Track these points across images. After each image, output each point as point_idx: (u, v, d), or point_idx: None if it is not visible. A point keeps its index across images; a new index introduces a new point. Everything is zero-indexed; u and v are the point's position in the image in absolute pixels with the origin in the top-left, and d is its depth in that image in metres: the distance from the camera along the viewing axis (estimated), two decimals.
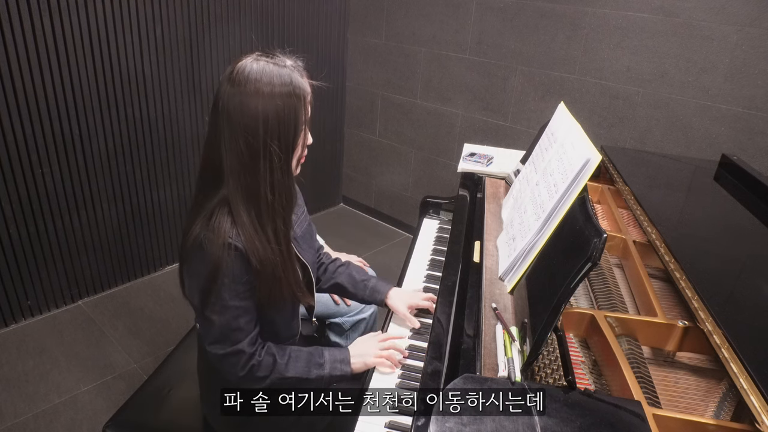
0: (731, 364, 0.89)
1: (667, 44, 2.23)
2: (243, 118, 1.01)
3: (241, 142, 1.02)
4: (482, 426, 0.83)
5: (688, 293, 1.07)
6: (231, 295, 1.08)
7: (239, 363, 1.12)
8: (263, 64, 1.03)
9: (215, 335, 1.11)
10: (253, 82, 1.01)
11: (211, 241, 1.04)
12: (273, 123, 1.02)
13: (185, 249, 1.10)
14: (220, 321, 1.09)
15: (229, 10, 2.71)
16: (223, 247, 1.04)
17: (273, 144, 1.03)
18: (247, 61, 1.04)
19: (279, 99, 1.02)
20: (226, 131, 1.03)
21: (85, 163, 2.42)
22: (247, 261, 1.06)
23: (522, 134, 2.77)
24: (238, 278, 1.07)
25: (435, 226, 1.86)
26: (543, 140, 1.50)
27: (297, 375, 1.17)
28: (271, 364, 1.15)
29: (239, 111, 1.01)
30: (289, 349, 1.20)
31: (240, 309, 1.10)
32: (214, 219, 1.05)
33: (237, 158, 1.03)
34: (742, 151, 2.12)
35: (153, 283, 2.81)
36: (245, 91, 1.01)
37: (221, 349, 1.11)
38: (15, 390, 2.10)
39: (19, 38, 2.08)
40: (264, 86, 1.01)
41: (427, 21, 2.98)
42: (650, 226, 1.33)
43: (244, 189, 1.05)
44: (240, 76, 1.01)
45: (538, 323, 0.96)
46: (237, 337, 1.11)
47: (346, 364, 1.22)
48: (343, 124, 3.63)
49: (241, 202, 1.05)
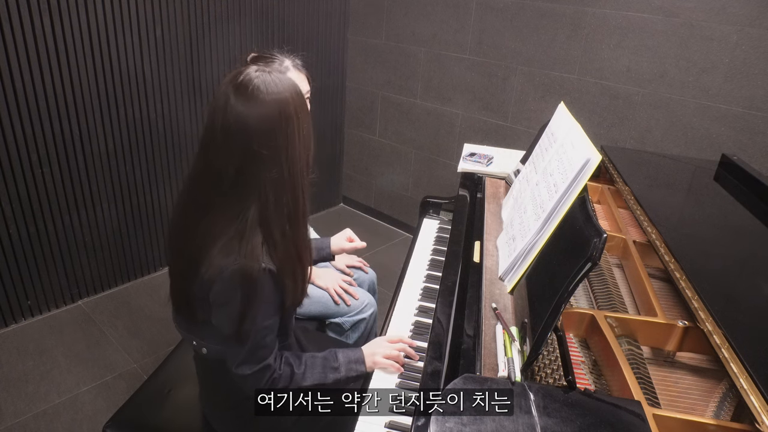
0: (731, 364, 0.89)
1: (667, 44, 2.23)
2: (262, 134, 0.98)
3: (270, 162, 0.99)
4: (482, 426, 0.83)
5: (688, 293, 1.07)
6: (264, 317, 1.06)
7: (264, 378, 1.11)
8: (276, 76, 1.01)
9: (243, 357, 1.08)
10: (274, 103, 0.98)
11: (246, 269, 0.99)
12: (300, 138, 1.01)
13: (202, 276, 1.03)
14: (251, 344, 1.07)
15: (229, 10, 2.71)
16: (259, 273, 1.00)
17: (300, 160, 1.02)
18: (255, 74, 1.00)
19: (294, 110, 1.00)
20: (240, 151, 0.98)
21: (85, 163, 2.42)
22: (281, 282, 1.05)
23: (522, 134, 2.77)
24: (272, 301, 1.06)
25: (435, 226, 1.86)
26: (543, 140, 1.50)
27: (314, 382, 1.17)
28: (289, 375, 1.15)
29: (258, 127, 0.97)
30: (304, 357, 1.19)
31: (268, 328, 1.09)
32: (244, 244, 1.00)
33: (272, 177, 0.99)
34: (742, 151, 2.12)
35: (153, 283, 2.81)
36: (261, 104, 0.97)
37: (249, 369, 1.09)
38: (15, 390, 2.10)
39: (19, 38, 2.07)
40: (285, 106, 0.99)
41: (427, 21, 2.98)
42: (650, 226, 1.33)
43: (280, 209, 1.02)
44: (254, 92, 0.97)
45: (538, 323, 0.96)
46: (264, 354, 1.10)
47: (361, 363, 1.22)
48: (343, 124, 3.63)
49: (276, 222, 1.02)
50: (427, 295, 1.48)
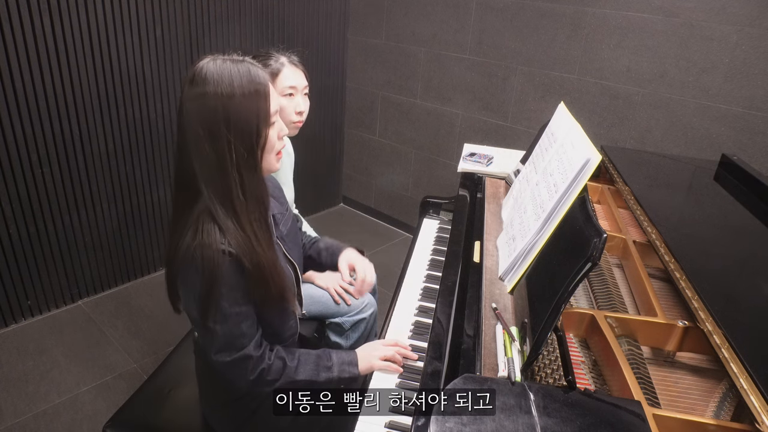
0: (731, 364, 0.89)
1: (667, 44, 2.23)
2: (205, 120, 1.00)
3: (207, 147, 1.00)
4: (482, 426, 0.83)
5: (688, 293, 1.07)
6: (230, 303, 1.06)
7: (248, 368, 1.12)
8: (220, 62, 1.02)
9: (219, 344, 1.09)
10: (212, 83, 0.99)
11: (204, 251, 1.02)
12: (234, 121, 1.00)
13: (174, 264, 1.08)
14: (223, 329, 1.08)
15: (229, 10, 2.71)
16: (217, 255, 1.02)
17: (237, 143, 1.01)
18: (204, 62, 1.03)
19: (239, 96, 1.00)
20: (191, 136, 1.01)
21: (85, 163, 2.42)
22: (241, 265, 1.05)
23: (522, 134, 2.77)
24: (234, 285, 1.06)
25: (435, 226, 1.86)
26: (543, 140, 1.50)
27: (306, 378, 1.17)
28: (281, 367, 1.15)
29: (201, 113, 1.00)
30: (297, 353, 1.20)
31: (240, 315, 1.09)
32: (200, 229, 1.03)
33: (206, 164, 1.02)
34: (742, 151, 2.12)
35: (153, 283, 2.81)
36: (204, 92, 0.99)
37: (228, 356, 1.10)
38: (15, 390, 2.10)
39: (19, 38, 2.08)
40: (223, 86, 0.99)
41: (427, 21, 2.98)
42: (650, 226, 1.33)
43: (218, 194, 1.03)
44: (198, 77, 1.00)
45: (538, 323, 0.96)
46: (241, 342, 1.10)
47: (354, 365, 1.22)
48: (343, 124, 3.63)
49: (219, 207, 1.03)
50: (427, 295, 1.48)
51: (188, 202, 1.07)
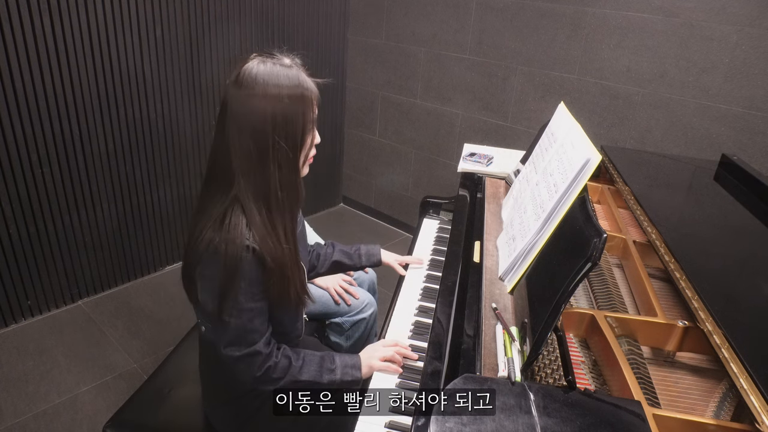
0: (731, 364, 0.89)
1: (667, 44, 2.23)
2: (251, 118, 1.03)
3: (250, 142, 1.03)
4: (482, 426, 0.83)
5: (688, 293, 1.07)
6: (247, 298, 1.08)
7: (255, 363, 1.13)
8: (270, 65, 1.05)
9: (231, 337, 1.10)
10: (261, 84, 1.02)
11: (228, 247, 1.03)
12: (281, 122, 1.03)
13: (196, 254, 1.09)
14: (236, 323, 1.09)
15: (229, 10, 2.71)
16: (241, 250, 1.03)
17: (281, 142, 1.04)
18: (253, 63, 1.05)
19: (287, 99, 1.03)
20: (235, 133, 1.04)
21: (85, 163, 2.42)
22: (262, 262, 1.06)
23: (522, 134, 2.77)
24: (254, 280, 1.07)
25: (435, 226, 1.86)
26: (543, 140, 1.50)
27: (309, 379, 1.18)
28: (286, 366, 1.16)
29: (247, 112, 1.03)
30: (302, 353, 1.21)
31: (255, 311, 1.10)
32: (227, 221, 1.05)
33: (246, 158, 1.04)
34: (742, 151, 2.12)
35: (153, 283, 2.81)
36: (253, 93, 1.02)
37: (237, 350, 1.11)
38: (15, 390, 2.10)
39: (19, 38, 2.08)
40: (272, 87, 1.03)
41: (427, 21, 2.98)
42: (650, 226, 1.33)
43: (254, 188, 1.06)
44: (247, 78, 1.03)
45: (538, 323, 0.96)
46: (253, 338, 1.11)
47: (357, 369, 1.22)
48: (343, 124, 3.63)
49: (252, 201, 1.06)
50: (427, 295, 1.48)
51: (219, 190, 1.08)
